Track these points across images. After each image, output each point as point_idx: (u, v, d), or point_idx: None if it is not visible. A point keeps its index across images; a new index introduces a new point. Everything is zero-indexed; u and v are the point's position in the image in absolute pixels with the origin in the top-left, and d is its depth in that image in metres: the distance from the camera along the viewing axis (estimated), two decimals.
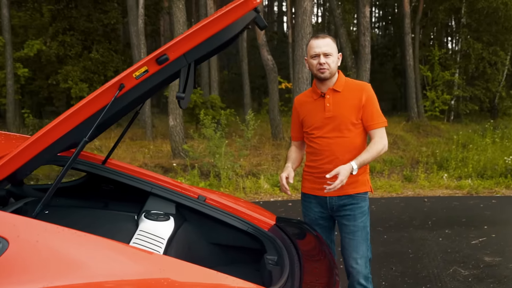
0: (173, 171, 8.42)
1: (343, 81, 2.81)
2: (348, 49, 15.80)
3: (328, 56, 2.72)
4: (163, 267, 1.77)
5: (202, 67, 15.41)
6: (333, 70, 2.75)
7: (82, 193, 3.04)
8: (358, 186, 2.79)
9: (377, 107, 2.77)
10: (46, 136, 1.73)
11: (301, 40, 10.29)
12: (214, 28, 1.80)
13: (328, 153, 2.77)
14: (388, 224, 5.86)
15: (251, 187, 7.82)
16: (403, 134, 14.68)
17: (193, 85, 2.56)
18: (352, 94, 2.76)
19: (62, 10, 16.86)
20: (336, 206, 2.82)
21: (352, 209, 2.79)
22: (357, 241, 2.78)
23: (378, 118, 2.75)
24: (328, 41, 2.74)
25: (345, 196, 2.78)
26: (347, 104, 2.75)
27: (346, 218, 2.81)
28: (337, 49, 2.79)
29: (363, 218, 2.80)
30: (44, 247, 1.66)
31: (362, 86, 2.80)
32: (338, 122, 2.74)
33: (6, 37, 13.79)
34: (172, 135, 9.37)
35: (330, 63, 2.72)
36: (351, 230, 2.80)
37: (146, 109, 12.67)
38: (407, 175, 8.96)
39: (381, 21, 34.60)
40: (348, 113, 2.74)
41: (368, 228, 2.84)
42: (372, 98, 2.76)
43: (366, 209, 2.82)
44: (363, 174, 2.80)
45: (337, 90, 2.78)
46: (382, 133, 2.75)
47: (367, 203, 2.85)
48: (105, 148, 9.99)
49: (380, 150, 2.70)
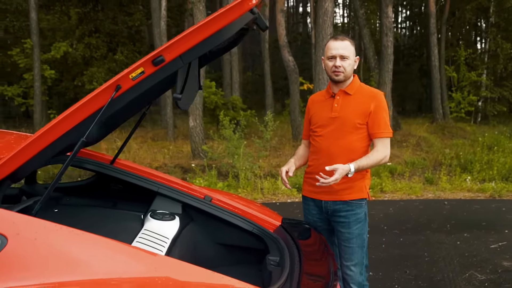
0: (192, 172, 8.49)
1: (356, 85, 2.79)
2: (371, 50, 15.64)
3: (345, 59, 2.69)
4: (158, 266, 1.79)
5: (225, 68, 15.47)
6: (348, 74, 2.72)
7: (91, 192, 3.10)
8: (354, 193, 2.77)
9: (385, 117, 2.73)
10: (45, 136, 1.77)
11: (321, 41, 10.24)
12: (210, 29, 1.81)
13: (326, 153, 2.78)
14: (405, 227, 5.78)
15: (269, 188, 7.82)
16: (426, 135, 14.45)
17: (197, 87, 2.60)
18: (362, 99, 2.73)
19: (88, 13, 17.19)
20: (331, 210, 2.81)
21: (346, 216, 2.77)
22: (352, 248, 2.77)
23: (384, 128, 2.71)
24: (346, 43, 2.70)
25: (340, 202, 2.77)
26: (355, 108, 2.72)
27: (341, 225, 2.80)
28: (355, 53, 2.77)
29: (358, 225, 2.77)
30: (42, 245, 1.71)
31: (374, 94, 2.76)
32: (342, 124, 2.73)
33: (34, 39, 14.15)
34: (192, 136, 9.44)
35: (345, 66, 2.70)
36: (346, 237, 2.78)
37: (167, 110, 12.81)
38: (429, 177, 8.81)
39: (407, 21, 34.12)
40: (353, 116, 2.71)
41: (365, 235, 2.82)
42: (381, 107, 2.72)
43: (362, 216, 2.79)
44: (360, 180, 2.77)
45: (348, 93, 2.76)
46: (385, 143, 2.71)
47: (364, 209, 2.82)
48: (127, 149, 10.14)
49: (380, 159, 2.67)
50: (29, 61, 15.15)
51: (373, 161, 2.65)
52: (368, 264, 2.88)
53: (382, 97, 2.75)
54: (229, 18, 1.82)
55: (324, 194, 2.80)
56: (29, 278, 1.64)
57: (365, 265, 2.84)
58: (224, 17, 1.81)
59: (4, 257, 1.65)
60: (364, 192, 2.79)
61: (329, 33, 10.27)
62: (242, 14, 1.84)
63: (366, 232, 2.83)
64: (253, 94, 26.28)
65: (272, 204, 7.05)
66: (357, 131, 2.72)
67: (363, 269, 2.82)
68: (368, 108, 2.70)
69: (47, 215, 2.66)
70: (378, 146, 2.70)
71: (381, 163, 2.70)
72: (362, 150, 2.74)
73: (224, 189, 7.73)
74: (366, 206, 2.84)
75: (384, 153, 2.69)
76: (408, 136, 13.90)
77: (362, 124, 2.71)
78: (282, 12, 12.67)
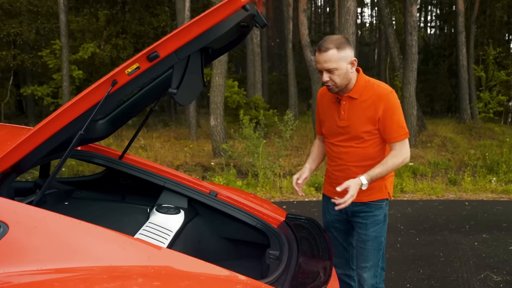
0: (212, 170, 8.58)
1: (361, 86, 2.55)
2: (396, 49, 15.45)
3: (332, 71, 2.45)
4: (151, 256, 1.85)
5: (249, 68, 15.55)
6: (340, 84, 2.51)
7: (102, 186, 3.20)
8: (373, 194, 2.65)
9: (397, 118, 2.52)
10: (45, 129, 1.85)
11: None
12: (203, 26, 1.86)
13: (340, 161, 2.68)
14: (422, 227, 5.71)
15: (288, 186, 7.83)
16: (453, 136, 14.20)
17: (201, 83, 2.66)
18: (369, 103, 2.53)
19: (116, 14, 17.53)
20: (350, 212, 2.72)
21: (364, 217, 2.69)
22: (368, 250, 2.68)
23: (397, 131, 2.52)
24: (329, 55, 2.42)
25: (359, 203, 2.65)
26: (362, 115, 2.54)
27: (358, 226, 2.72)
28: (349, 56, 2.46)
29: (375, 228, 2.68)
30: (41, 233, 1.79)
31: (381, 95, 2.52)
32: (351, 132, 2.59)
33: (63, 40, 14.51)
34: (213, 135, 9.54)
35: (334, 79, 2.47)
36: (363, 239, 2.70)
37: (190, 109, 12.97)
38: (452, 178, 8.66)
39: (437, 20, 33.55)
40: (361, 125, 2.55)
41: (382, 237, 2.71)
42: (391, 109, 2.50)
43: (380, 217, 2.69)
44: (380, 180, 2.61)
45: (354, 97, 2.56)
46: (402, 146, 2.53)
47: (384, 211, 2.70)
48: (149, 147, 10.31)
49: (397, 164, 2.52)
50: (58, 61, 15.55)
51: (389, 167, 2.51)
52: (384, 267, 2.78)
53: (390, 96, 2.52)
54: (222, 15, 1.86)
55: (344, 195, 2.63)
56: (28, 264, 1.72)
57: (381, 267, 2.74)
58: (216, 14, 1.85)
59: (5, 243, 1.73)
60: (385, 193, 2.68)
61: (352, 32, 10.20)
62: (235, 11, 1.88)
63: (384, 235, 2.72)
64: (278, 94, 26.31)
65: (290, 202, 7.07)
66: (371, 138, 2.58)
67: (378, 271, 2.72)
68: (376, 113, 2.51)
69: (59, 207, 2.78)
70: (394, 151, 2.54)
71: (399, 166, 2.56)
72: (377, 155, 2.60)
73: (242, 187, 7.78)
74: (387, 207, 2.74)
75: (402, 157, 2.53)
76: (434, 136, 13.68)
77: (373, 130, 2.55)
78: (304, 12, 12.65)
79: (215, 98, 9.47)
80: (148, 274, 1.77)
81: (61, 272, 1.72)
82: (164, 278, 1.79)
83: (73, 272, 1.73)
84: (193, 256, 2.85)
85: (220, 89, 9.48)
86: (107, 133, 2.90)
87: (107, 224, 2.50)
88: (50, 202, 2.77)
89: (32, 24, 17.48)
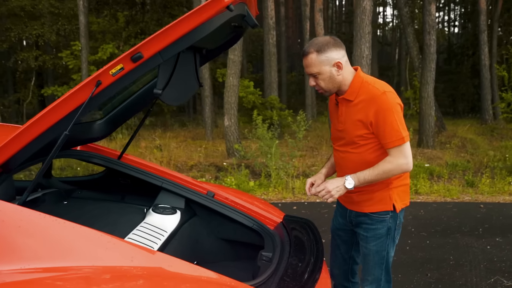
0: (225, 170, 8.59)
1: (357, 87, 2.40)
2: (415, 49, 15.24)
3: (316, 76, 2.37)
4: (135, 256, 1.85)
5: (265, 68, 15.53)
6: (326, 88, 2.41)
7: (102, 186, 3.22)
8: (374, 204, 2.48)
9: (391, 122, 2.31)
10: (31, 129, 1.86)
11: (359, 40, 10.10)
12: (187, 26, 1.84)
13: (340, 167, 2.59)
14: (434, 229, 5.61)
15: (300, 187, 7.79)
16: (473, 137, 13.94)
17: (196, 84, 2.66)
18: (361, 106, 2.38)
19: (135, 15, 17.73)
20: (354, 222, 2.59)
21: (366, 229, 2.54)
22: (369, 265, 2.56)
23: (391, 136, 2.32)
24: (309, 60, 2.35)
25: (361, 213, 2.53)
26: (354, 118, 2.41)
27: (360, 237, 2.59)
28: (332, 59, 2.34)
29: (376, 242, 2.51)
30: (25, 232, 1.80)
31: (373, 97, 2.35)
32: (346, 137, 2.48)
33: (82, 42, 14.75)
34: (227, 135, 9.56)
35: (319, 83, 2.38)
36: (364, 252, 2.58)
37: (206, 109, 13.03)
38: (469, 180, 8.49)
39: (460, 19, 33.01)
40: (353, 128, 2.42)
41: (384, 252, 2.52)
42: (383, 111, 2.31)
43: (382, 231, 2.49)
44: (383, 190, 2.46)
45: (349, 100, 2.42)
46: (397, 152, 2.33)
47: (387, 224, 2.49)
48: (164, 147, 10.39)
49: (389, 169, 2.33)
50: (77, 62, 15.81)
51: (379, 172, 2.34)
52: (390, 280, 2.63)
53: (383, 98, 2.32)
54: (205, 15, 1.84)
55: (349, 203, 2.61)
56: (11, 263, 1.73)
57: (385, 281, 2.59)
58: (200, 14, 1.84)
59: None
60: (388, 204, 2.47)
61: (367, 32, 10.10)
62: (219, 11, 1.87)
63: (389, 249, 2.53)
64: (297, 94, 26.21)
65: (301, 203, 7.03)
66: (365, 142, 2.42)
67: (381, 285, 2.59)
68: (367, 117, 2.34)
69: (57, 206, 2.81)
70: (389, 157, 2.36)
71: (394, 173, 2.37)
72: (376, 160, 2.41)
73: (255, 188, 7.78)
74: (392, 220, 2.51)
75: (395, 163, 2.33)
76: (453, 137, 13.45)
77: (366, 134, 2.40)
78: (320, 12, 12.58)
79: (229, 99, 9.49)
80: (130, 275, 1.77)
81: (43, 272, 1.73)
82: (146, 279, 1.79)
83: (55, 271, 1.73)
84: (190, 257, 2.88)
85: (234, 89, 9.49)
86: (105, 133, 2.93)
87: (101, 224, 2.53)
88: (49, 201, 2.81)
89: (53, 26, 17.80)
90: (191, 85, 2.58)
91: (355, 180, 2.34)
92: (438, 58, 29.83)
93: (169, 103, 2.18)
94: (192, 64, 2.53)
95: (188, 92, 2.61)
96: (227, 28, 2.43)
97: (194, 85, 2.64)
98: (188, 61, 2.45)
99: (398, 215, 2.52)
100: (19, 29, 17.35)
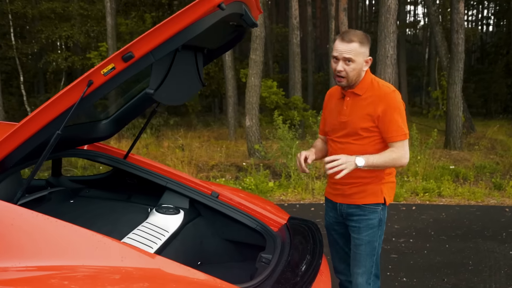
0: (244, 170, 8.57)
1: (367, 83, 2.53)
2: (443, 48, 14.92)
3: (349, 62, 2.43)
4: (125, 256, 1.84)
5: (290, 68, 15.44)
6: (351, 79, 2.47)
7: (110, 185, 3.25)
8: (367, 196, 2.59)
9: (397, 119, 2.47)
10: (25, 128, 1.88)
11: (384, 40, 9.95)
12: (178, 25, 1.83)
13: None
14: (454, 233, 5.45)
15: (320, 188, 7.71)
16: (504, 138, 13.54)
17: (199, 84, 2.65)
18: (370, 100, 2.50)
19: (162, 16, 17.92)
20: (345, 214, 2.66)
21: (358, 220, 2.62)
22: (361, 255, 2.62)
23: (395, 131, 2.47)
24: (353, 46, 2.41)
25: (353, 205, 2.62)
26: (362, 112, 2.51)
27: (352, 230, 2.66)
28: (368, 53, 2.49)
29: (369, 232, 2.60)
30: (17, 230, 1.82)
31: (383, 95, 2.48)
32: (351, 129, 2.55)
33: (109, 43, 15.00)
34: (248, 135, 9.55)
35: (349, 70, 2.44)
36: (356, 243, 2.64)
37: (229, 109, 13.08)
38: (496, 183, 8.23)
39: (495, 17, 32.12)
40: (359, 121, 2.52)
41: (376, 243, 2.62)
42: (392, 109, 2.46)
43: (374, 222, 2.61)
44: (376, 184, 2.59)
45: (358, 94, 2.53)
46: (400, 145, 2.49)
47: (378, 215, 2.62)
48: (187, 147, 10.45)
49: (394, 158, 2.47)
50: None
51: (386, 159, 2.45)
52: (378, 274, 2.69)
53: (392, 96, 2.48)
54: (195, 14, 1.82)
55: (339, 196, 2.68)
56: (1, 261, 1.75)
57: (374, 274, 2.66)
58: (190, 14, 1.82)
59: None
60: (380, 197, 2.60)
61: (392, 31, 9.94)
62: (209, 10, 1.84)
63: (379, 240, 2.64)
64: (323, 94, 25.95)
65: (319, 205, 6.95)
66: (369, 135, 2.53)
67: (371, 278, 2.64)
68: (375, 112, 2.47)
69: (62, 204, 2.84)
70: (392, 147, 2.50)
71: (397, 163, 2.50)
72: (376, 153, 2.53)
73: (274, 188, 7.73)
74: (383, 212, 2.64)
75: (400, 153, 2.48)
76: (482, 138, 13.10)
77: (371, 127, 2.51)
78: (344, 11, 12.44)
79: (250, 99, 9.47)
80: (118, 275, 1.77)
81: (32, 271, 1.75)
82: (135, 279, 1.78)
83: (43, 270, 1.75)
84: (194, 257, 2.87)
85: (255, 89, 9.47)
86: (111, 133, 2.95)
87: (102, 223, 2.55)
88: (55, 200, 2.85)
89: (82, 28, 18.17)
90: (193, 85, 2.58)
91: (365, 160, 2.40)
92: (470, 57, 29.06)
93: (166, 103, 2.18)
94: (193, 64, 2.52)
95: (190, 92, 2.60)
96: (227, 27, 2.41)
97: (197, 85, 2.63)
98: (188, 61, 2.44)
99: (386, 208, 2.67)
100: (50, 31, 17.78)
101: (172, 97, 2.29)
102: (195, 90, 2.66)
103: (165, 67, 2.13)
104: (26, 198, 2.62)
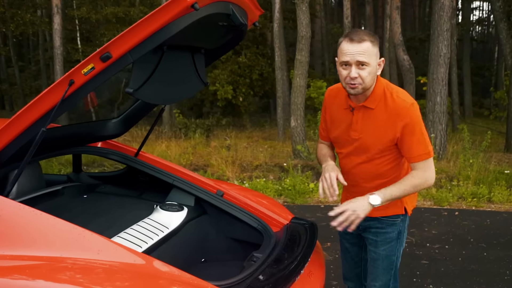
0: (286, 171, 8.54)
1: (379, 94, 2.25)
2: (508, 46, 14.09)
3: (364, 66, 2.14)
4: (101, 250, 1.91)
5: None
6: (367, 85, 2.18)
7: (124, 182, 3.36)
8: (385, 208, 2.35)
9: (419, 136, 2.23)
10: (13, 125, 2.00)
11: (436, 38, 9.58)
12: (152, 26, 1.85)
13: (351, 177, 2.42)
14: (496, 241, 5.15)
15: None
16: None
17: (201, 83, 2.69)
18: (386, 116, 2.24)
19: None
20: (362, 226, 2.44)
21: (375, 233, 2.46)
22: (378, 270, 2.46)
23: (418, 150, 2.24)
24: (366, 46, 2.12)
25: (370, 218, 2.38)
26: (378, 131, 2.27)
27: (369, 242, 2.51)
28: (377, 56, 2.20)
29: (386, 246, 2.44)
30: (2, 221, 1.94)
31: (401, 110, 2.21)
32: (364, 148, 2.33)
33: None
34: (293, 136, 9.51)
35: (364, 76, 2.14)
36: (373, 257, 2.48)
37: (278, 110, 13.10)
38: None
39: None
40: (375, 141, 2.29)
41: (394, 257, 2.46)
42: (411, 125, 2.21)
43: (393, 235, 2.44)
44: None
45: (369, 107, 2.27)
46: (424, 166, 2.26)
47: (397, 228, 2.45)
48: (233, 147, 10.57)
49: (416, 185, 2.27)
50: None
51: (407, 187, 2.24)
52: (397, 286, 2.54)
53: (411, 111, 2.21)
54: (169, 15, 1.85)
55: None
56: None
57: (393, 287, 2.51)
58: (162, 14, 1.84)
59: None
60: (400, 207, 2.42)
61: (446, 30, 9.54)
62: (183, 10, 1.87)
63: (398, 254, 2.48)
64: None
65: None
66: (384, 153, 2.32)
67: None
68: (394, 131, 2.23)
69: (74, 199, 2.98)
70: (414, 171, 2.28)
71: (419, 188, 2.32)
72: (391, 173, 2.37)
73: (315, 190, 7.61)
74: (403, 223, 2.48)
75: (423, 177, 2.26)
76: None
77: (388, 148, 2.30)
78: (397, 9, 12.08)
79: (295, 99, 9.43)
80: (92, 267, 1.83)
81: (17, 260, 1.85)
82: (108, 273, 1.84)
83: (27, 260, 1.85)
84: (196, 254, 2.91)
85: (300, 90, 9.41)
86: (121, 131, 3.06)
87: (104, 218, 2.65)
88: (68, 194, 2.98)
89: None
90: (191, 84, 2.61)
91: (381, 197, 2.18)
92: None
93: (158, 102, 2.22)
94: (191, 64, 2.55)
95: (188, 90, 2.65)
96: (220, 27, 2.42)
97: (197, 85, 2.66)
98: (183, 61, 2.48)
99: (408, 218, 2.50)
100: (111, 35, 18.55)
101: (159, 96, 2.34)
102: (195, 89, 2.70)
103: (150, 67, 2.17)
104: (39, 191, 2.77)
